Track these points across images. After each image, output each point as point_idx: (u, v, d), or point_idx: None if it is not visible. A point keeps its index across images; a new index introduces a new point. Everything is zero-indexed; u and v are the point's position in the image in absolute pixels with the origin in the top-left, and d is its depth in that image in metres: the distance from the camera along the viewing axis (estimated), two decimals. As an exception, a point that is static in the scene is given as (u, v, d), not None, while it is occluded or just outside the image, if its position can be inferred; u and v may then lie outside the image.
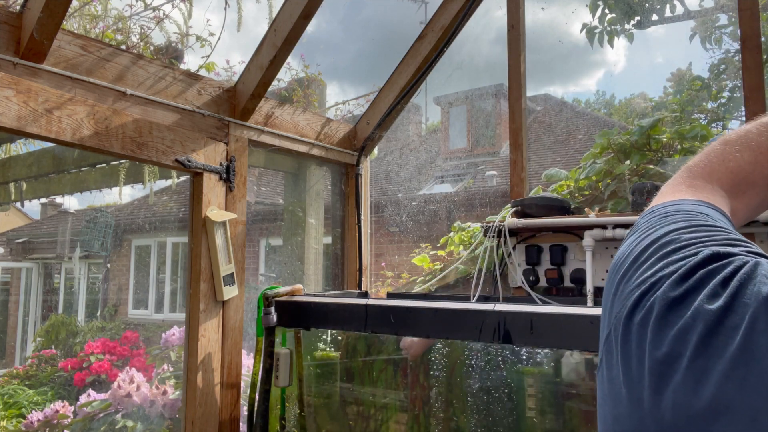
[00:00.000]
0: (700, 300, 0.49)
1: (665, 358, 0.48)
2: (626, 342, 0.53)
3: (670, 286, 0.52)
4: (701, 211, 0.64)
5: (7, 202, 4.58)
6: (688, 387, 0.46)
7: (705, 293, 0.49)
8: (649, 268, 0.56)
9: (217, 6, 2.61)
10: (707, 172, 0.72)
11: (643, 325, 0.51)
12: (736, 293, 0.48)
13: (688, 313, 0.49)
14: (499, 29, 2.77)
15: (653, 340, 0.50)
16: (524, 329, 1.30)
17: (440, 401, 1.78)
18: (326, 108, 3.10)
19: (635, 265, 0.59)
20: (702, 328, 0.47)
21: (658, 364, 0.48)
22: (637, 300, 0.54)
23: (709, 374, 0.45)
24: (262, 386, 1.79)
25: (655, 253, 0.58)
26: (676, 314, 0.49)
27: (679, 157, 2.33)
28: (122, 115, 1.66)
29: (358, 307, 1.61)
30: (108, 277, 9.73)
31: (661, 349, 0.49)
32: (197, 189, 1.88)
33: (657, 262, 0.56)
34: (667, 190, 0.73)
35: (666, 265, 0.55)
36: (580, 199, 2.48)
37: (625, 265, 0.60)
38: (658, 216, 0.65)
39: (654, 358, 0.49)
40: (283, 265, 2.73)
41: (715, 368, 0.45)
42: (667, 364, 0.48)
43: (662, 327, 0.50)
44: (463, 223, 3.12)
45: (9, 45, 1.48)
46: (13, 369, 6.42)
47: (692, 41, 4.24)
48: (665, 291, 0.52)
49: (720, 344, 0.45)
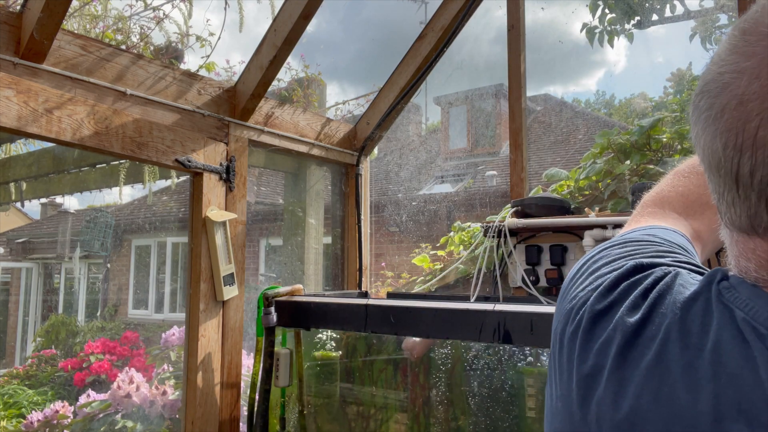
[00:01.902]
0: (621, 312, 0.50)
1: (590, 371, 0.49)
2: (561, 356, 0.54)
3: (596, 299, 0.53)
4: (646, 232, 0.65)
5: (7, 202, 4.58)
6: (608, 399, 0.46)
7: (626, 305, 0.50)
8: (581, 284, 0.57)
9: (217, 6, 2.61)
10: (659, 199, 0.75)
11: (573, 339, 0.52)
12: (654, 303, 0.48)
13: (610, 325, 0.49)
14: (499, 29, 2.76)
15: (580, 353, 0.51)
16: (524, 329, 1.30)
17: (441, 401, 1.78)
18: (326, 108, 3.10)
19: (570, 283, 0.60)
20: (620, 339, 0.47)
21: (583, 378, 0.49)
22: (568, 314, 0.55)
23: (627, 386, 0.45)
24: (262, 386, 1.79)
25: (587, 269, 0.59)
26: (601, 327, 0.50)
27: (679, 157, 2.33)
28: (122, 115, 1.66)
29: (358, 307, 1.61)
30: (108, 277, 9.73)
31: (587, 362, 0.49)
32: (197, 189, 1.88)
33: (588, 278, 0.57)
34: (626, 225, 0.76)
35: (594, 279, 0.56)
36: (580, 199, 2.48)
37: (564, 286, 0.62)
38: (602, 246, 0.66)
39: (580, 372, 0.50)
40: (283, 265, 2.73)
41: (632, 379, 0.45)
42: (591, 377, 0.48)
43: (588, 340, 0.50)
44: (463, 223, 3.12)
45: (9, 45, 1.48)
46: (13, 369, 6.42)
47: (692, 41, 4.23)
48: (592, 304, 0.53)
49: (637, 355, 0.46)
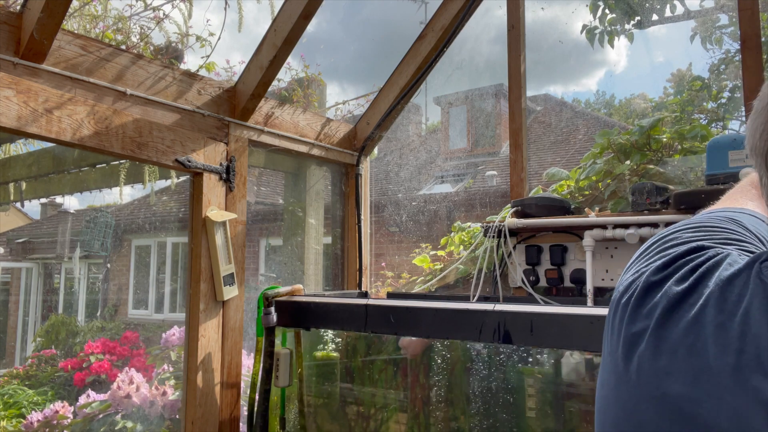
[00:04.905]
0: (671, 283, 0.57)
1: (636, 330, 0.57)
2: (614, 319, 0.62)
3: (651, 273, 0.60)
4: (728, 216, 0.70)
5: (7, 202, 4.58)
6: (648, 353, 0.54)
7: (675, 278, 0.57)
8: (648, 260, 0.64)
9: (217, 6, 2.61)
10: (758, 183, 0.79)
11: (626, 305, 0.60)
12: (701, 277, 0.56)
13: (659, 294, 0.57)
14: (499, 29, 2.76)
15: (630, 316, 0.59)
16: (524, 329, 1.30)
17: (440, 401, 1.78)
18: (326, 108, 3.09)
19: (638, 257, 0.67)
20: (665, 304, 0.56)
21: (629, 336, 0.57)
22: (627, 285, 0.62)
23: (666, 342, 0.53)
24: (262, 386, 1.79)
25: (658, 247, 0.66)
26: (651, 296, 0.58)
27: (679, 157, 2.33)
28: (122, 115, 1.66)
29: (358, 307, 1.61)
30: (108, 277, 9.73)
31: (636, 323, 0.58)
32: (197, 189, 1.88)
33: (655, 255, 0.64)
34: (723, 199, 0.81)
35: (658, 258, 0.63)
36: (580, 199, 2.48)
37: (632, 259, 0.68)
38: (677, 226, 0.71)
39: (628, 331, 0.58)
40: (283, 265, 2.73)
41: (671, 337, 0.53)
42: (636, 335, 0.57)
43: (638, 306, 0.59)
44: (463, 223, 3.12)
45: (9, 45, 1.48)
46: (13, 369, 6.41)
47: (692, 41, 4.23)
48: (647, 276, 0.60)
49: (677, 318, 0.54)
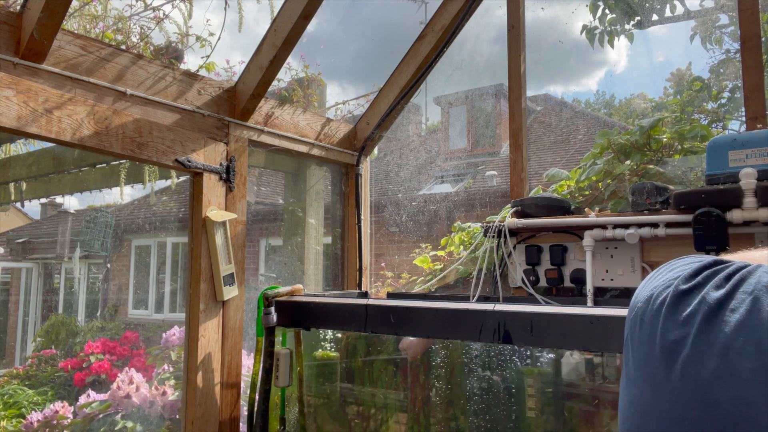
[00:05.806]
0: (706, 290, 0.57)
1: (676, 338, 0.56)
2: (641, 333, 0.61)
3: (680, 282, 0.60)
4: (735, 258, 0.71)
5: (7, 202, 4.58)
6: (694, 359, 0.53)
7: (710, 285, 0.57)
8: (662, 278, 0.64)
9: (217, 6, 2.61)
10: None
11: (656, 315, 0.59)
12: (737, 283, 0.55)
13: (695, 301, 0.56)
14: (499, 29, 2.76)
15: (664, 324, 0.58)
16: (524, 329, 1.30)
17: (440, 401, 1.78)
18: (326, 108, 3.09)
19: (648, 280, 0.68)
20: (706, 310, 0.55)
21: (669, 344, 0.56)
22: (648, 299, 0.62)
23: (713, 346, 0.52)
24: (262, 386, 1.79)
25: (667, 268, 0.66)
26: (685, 303, 0.57)
27: (679, 157, 2.33)
28: (122, 115, 1.66)
29: (358, 307, 1.61)
30: (108, 277, 9.73)
31: (673, 331, 0.56)
32: (197, 189, 1.88)
33: (667, 273, 0.64)
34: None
35: (674, 273, 0.63)
36: (580, 199, 2.48)
37: (642, 284, 0.68)
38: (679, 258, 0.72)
39: (665, 340, 0.57)
40: (283, 265, 2.73)
41: (717, 340, 0.52)
42: (676, 343, 0.55)
43: (672, 313, 0.58)
44: (463, 223, 3.12)
45: (9, 45, 1.48)
46: (13, 369, 6.41)
47: (692, 41, 4.23)
48: (676, 286, 0.60)
49: (720, 322, 0.53)
